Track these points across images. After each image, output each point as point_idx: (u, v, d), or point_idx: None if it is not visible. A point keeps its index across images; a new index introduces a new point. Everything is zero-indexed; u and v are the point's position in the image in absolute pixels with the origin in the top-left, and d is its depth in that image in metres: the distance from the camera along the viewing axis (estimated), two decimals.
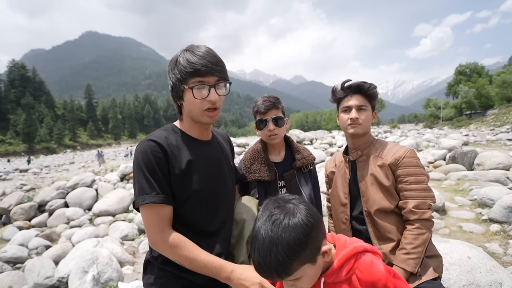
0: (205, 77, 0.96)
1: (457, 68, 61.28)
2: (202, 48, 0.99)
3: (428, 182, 1.30)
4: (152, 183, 0.95)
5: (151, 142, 0.98)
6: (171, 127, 1.10)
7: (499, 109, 43.27)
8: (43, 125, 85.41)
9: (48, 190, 9.06)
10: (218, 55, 1.01)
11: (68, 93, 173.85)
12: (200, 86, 0.97)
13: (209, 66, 0.96)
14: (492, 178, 6.40)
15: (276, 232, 0.68)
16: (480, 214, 4.42)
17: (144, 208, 0.95)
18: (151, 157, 0.96)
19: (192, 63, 0.95)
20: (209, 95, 0.98)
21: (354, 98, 1.37)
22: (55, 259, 4.47)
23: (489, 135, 21.88)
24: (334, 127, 67.42)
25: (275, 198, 0.77)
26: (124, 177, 10.47)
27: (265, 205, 0.76)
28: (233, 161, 1.33)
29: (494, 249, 3.23)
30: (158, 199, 0.94)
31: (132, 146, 54.96)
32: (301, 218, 0.70)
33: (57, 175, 19.16)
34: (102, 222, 6.92)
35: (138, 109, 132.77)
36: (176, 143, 1.04)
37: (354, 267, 0.77)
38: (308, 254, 0.70)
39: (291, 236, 0.67)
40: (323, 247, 0.74)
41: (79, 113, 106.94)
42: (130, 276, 3.58)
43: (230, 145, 1.34)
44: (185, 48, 1.01)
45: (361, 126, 1.36)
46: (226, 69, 1.03)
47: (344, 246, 0.80)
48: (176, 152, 1.01)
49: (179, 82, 0.98)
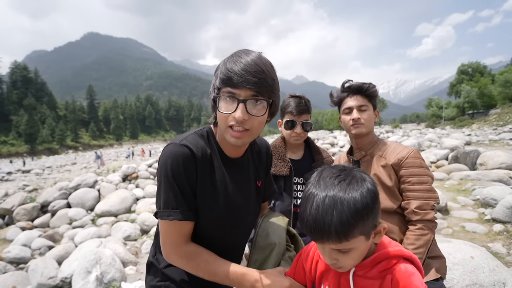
0: (237, 88, 0.81)
1: (459, 67, 61.05)
2: (251, 55, 0.83)
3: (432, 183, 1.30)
4: (179, 197, 0.85)
5: (185, 149, 0.86)
6: (206, 133, 0.96)
7: (502, 109, 43.05)
8: (45, 126, 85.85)
9: (50, 191, 9.10)
10: (267, 65, 0.84)
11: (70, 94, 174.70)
12: (228, 98, 0.82)
13: (243, 76, 0.79)
14: (495, 178, 6.37)
15: (344, 190, 0.64)
16: (483, 214, 4.40)
17: (167, 222, 0.87)
18: (182, 166, 0.85)
19: (228, 70, 0.81)
20: (235, 112, 0.81)
21: (354, 98, 1.38)
22: (58, 260, 4.49)
23: (491, 135, 21.77)
24: (336, 127, 67.26)
25: (335, 165, 0.72)
26: (126, 177, 10.49)
27: (322, 170, 0.71)
28: (269, 175, 1.20)
29: (497, 249, 3.22)
30: (184, 217, 0.86)
31: (133, 146, 55.07)
32: (370, 184, 0.66)
33: (59, 175, 19.23)
34: (104, 222, 6.94)
35: (139, 110, 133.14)
36: (209, 154, 0.92)
37: (393, 269, 0.70)
38: (368, 225, 0.65)
39: (359, 198, 0.63)
40: (379, 226, 0.69)
41: (80, 114, 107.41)
42: (133, 276, 3.59)
43: (268, 157, 1.18)
44: (234, 52, 0.86)
45: (364, 125, 1.37)
46: (270, 84, 0.83)
47: (387, 245, 0.74)
48: (206, 165, 0.91)
49: (214, 89, 0.87)
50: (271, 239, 1.05)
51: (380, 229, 0.70)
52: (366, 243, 0.68)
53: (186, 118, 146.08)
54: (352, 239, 0.64)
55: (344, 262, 0.69)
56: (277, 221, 1.12)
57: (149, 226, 5.87)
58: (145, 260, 4.14)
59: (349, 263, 0.70)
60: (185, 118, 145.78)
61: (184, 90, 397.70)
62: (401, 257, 0.71)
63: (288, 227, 1.14)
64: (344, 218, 0.61)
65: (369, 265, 0.71)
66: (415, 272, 0.69)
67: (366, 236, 0.67)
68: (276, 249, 1.03)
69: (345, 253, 0.67)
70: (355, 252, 0.68)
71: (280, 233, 1.08)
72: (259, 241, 1.05)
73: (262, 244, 1.04)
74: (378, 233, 0.70)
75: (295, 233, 1.14)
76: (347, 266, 0.71)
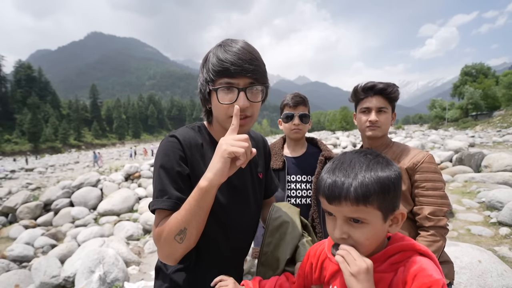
0: (235, 78, 0.81)
1: (463, 68, 60.68)
2: (238, 43, 0.84)
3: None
4: (165, 186, 0.84)
5: (173, 139, 0.88)
6: (198, 127, 0.98)
7: (506, 110, 42.70)
8: (49, 124, 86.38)
9: (53, 189, 9.12)
10: (256, 51, 0.86)
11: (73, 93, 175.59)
12: (227, 89, 0.82)
13: (240, 65, 0.80)
14: (500, 180, 6.30)
15: (369, 160, 0.63)
16: (489, 217, 4.35)
17: (155, 213, 0.86)
18: (171, 155, 0.86)
19: (221, 61, 0.80)
20: (237, 100, 0.82)
21: (375, 99, 1.32)
22: (61, 258, 4.49)
23: (495, 137, 21.60)
24: (338, 127, 67.07)
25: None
26: (128, 177, 10.51)
27: (345, 152, 0.70)
28: (269, 169, 1.19)
29: (504, 252, 3.17)
30: (167, 205, 0.83)
31: (136, 146, 55.28)
32: (396, 167, 0.65)
33: (62, 174, 19.33)
34: (107, 221, 6.95)
35: (142, 109, 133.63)
36: (200, 145, 0.92)
37: (405, 261, 0.65)
38: (387, 201, 0.62)
39: (386, 170, 0.62)
40: (397, 211, 0.65)
41: (84, 113, 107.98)
42: (136, 276, 3.59)
43: (266, 151, 1.17)
44: (219, 43, 0.86)
45: (380, 128, 1.32)
46: (263, 69, 0.86)
47: (399, 239, 0.69)
48: (196, 154, 0.90)
49: (206, 83, 0.86)
50: (283, 218, 1.03)
51: (398, 216, 0.65)
52: (382, 225, 0.63)
53: (188, 117, 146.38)
54: (369, 206, 0.60)
55: (355, 239, 0.63)
56: (289, 208, 1.11)
57: (151, 226, 5.87)
58: (148, 260, 4.16)
59: (360, 240, 0.63)
60: (187, 118, 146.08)
61: (186, 89, 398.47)
62: (415, 251, 0.66)
63: (300, 216, 1.11)
64: (367, 181, 0.60)
65: (381, 259, 0.66)
66: (430, 263, 0.63)
67: (383, 215, 0.62)
68: (290, 228, 1.01)
69: (358, 227, 0.62)
70: (368, 228, 0.62)
71: (293, 216, 1.06)
72: (271, 223, 1.03)
73: (275, 224, 1.02)
74: (395, 222, 0.66)
75: (307, 223, 1.12)
76: (357, 246, 0.64)
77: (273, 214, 1.06)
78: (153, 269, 3.52)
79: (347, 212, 0.62)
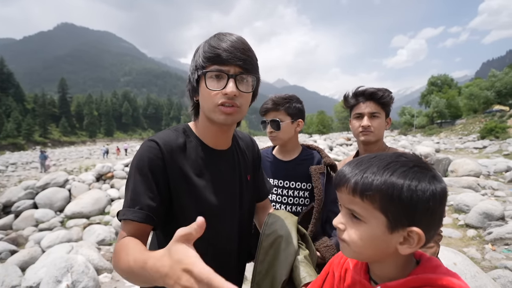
0: (226, 65, 0.79)
1: (430, 79, 64.98)
2: (233, 35, 0.83)
3: None
4: (138, 195, 0.78)
5: (152, 143, 0.82)
6: (182, 128, 0.92)
7: (467, 119, 46.27)
8: (10, 119, 79.85)
9: (14, 190, 8.39)
10: (249, 45, 0.84)
11: (40, 87, 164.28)
12: (217, 76, 0.80)
13: (232, 52, 0.78)
14: (465, 185, 6.76)
15: (401, 165, 0.55)
16: (457, 219, 4.62)
17: (123, 222, 0.78)
18: (146, 161, 0.80)
19: (214, 47, 0.79)
20: (226, 87, 0.79)
21: (367, 105, 1.33)
22: (22, 266, 4.11)
23: (457, 143, 23.28)
24: (315, 131, 68.77)
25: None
26: (100, 177, 9.95)
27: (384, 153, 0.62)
28: (259, 171, 1.13)
29: (472, 254, 3.37)
30: (138, 216, 0.76)
31: (108, 144, 52.76)
32: (438, 185, 0.54)
33: (25, 173, 17.94)
34: (75, 224, 6.50)
35: (116, 106, 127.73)
36: (183, 148, 0.86)
37: None
38: (397, 209, 0.53)
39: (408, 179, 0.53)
40: (414, 228, 0.53)
41: (51, 108, 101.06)
42: (108, 285, 3.36)
43: (255, 152, 1.12)
44: (217, 33, 0.84)
45: (373, 134, 1.33)
46: (255, 62, 0.85)
47: (433, 270, 0.57)
48: (178, 158, 0.84)
49: (196, 69, 0.83)
50: (278, 233, 0.96)
51: (412, 235, 0.54)
52: (384, 233, 0.55)
53: (165, 116, 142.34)
54: (366, 202, 0.55)
55: (349, 234, 0.58)
56: (286, 218, 1.03)
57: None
58: None
59: (353, 238, 0.58)
60: (164, 117, 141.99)
61: (164, 88, 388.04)
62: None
63: (298, 226, 1.04)
64: (372, 177, 0.55)
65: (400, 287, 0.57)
66: None
67: (389, 222, 0.54)
68: (284, 243, 0.93)
69: (356, 223, 0.58)
70: (365, 228, 0.57)
71: (289, 227, 0.98)
72: (265, 239, 0.95)
73: (269, 240, 0.94)
74: (408, 241, 0.55)
75: (305, 232, 1.05)
76: (351, 245, 0.58)
77: (267, 229, 0.98)
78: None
79: (345, 201, 0.60)
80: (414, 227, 0.54)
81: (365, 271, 0.66)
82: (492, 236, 3.67)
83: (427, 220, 0.54)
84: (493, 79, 49.18)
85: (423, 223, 0.54)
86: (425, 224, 0.54)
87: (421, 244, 0.55)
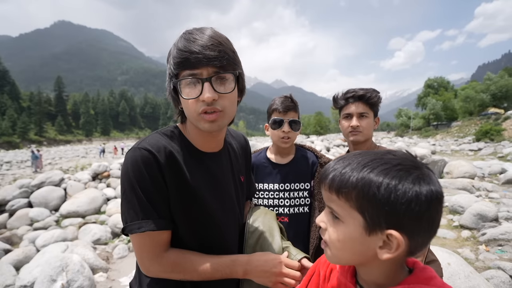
0: (197, 68, 0.72)
1: (426, 81, 65.47)
2: (204, 30, 0.75)
3: None
4: (147, 206, 0.75)
5: (144, 152, 0.76)
6: (170, 132, 0.86)
7: (462, 122, 46.68)
8: (6, 117, 79.06)
9: (9, 188, 8.31)
10: (222, 36, 0.76)
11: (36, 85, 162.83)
12: (189, 81, 0.73)
13: (200, 52, 0.70)
14: (460, 186, 6.82)
15: (384, 162, 0.50)
16: (452, 220, 4.66)
17: (139, 235, 0.76)
18: (144, 171, 0.75)
19: (181, 51, 0.71)
20: (202, 93, 0.72)
21: (355, 105, 1.37)
22: (16, 265, 4.07)
23: (453, 145, 23.48)
24: (312, 132, 68.97)
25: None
26: (96, 176, 9.89)
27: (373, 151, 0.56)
28: (250, 171, 1.14)
29: (466, 254, 3.40)
30: (157, 226, 0.75)
31: (105, 143, 52.47)
32: (438, 186, 0.49)
33: (19, 172, 17.76)
34: (70, 224, 6.46)
35: (113, 105, 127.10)
36: (175, 153, 0.82)
37: None
38: (375, 210, 0.48)
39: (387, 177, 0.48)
40: (393, 232, 0.48)
41: (47, 106, 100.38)
42: (103, 284, 3.34)
43: (247, 152, 1.10)
44: (183, 32, 0.76)
45: (362, 133, 1.36)
46: (231, 56, 0.76)
47: (427, 281, 0.52)
48: (173, 164, 0.80)
49: (170, 78, 0.77)
50: (261, 229, 0.99)
51: (391, 239, 0.49)
52: (362, 235, 0.51)
53: (162, 116, 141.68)
54: (342, 199, 0.52)
55: (330, 232, 0.55)
56: (266, 214, 1.06)
57: (121, 229, 5.54)
58: (117, 266, 3.91)
59: (332, 238, 0.55)
60: (162, 116, 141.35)
61: (161, 87, 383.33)
62: None
63: (277, 221, 1.08)
64: (350, 173, 0.51)
65: None
66: None
67: (366, 223, 0.50)
68: (269, 238, 0.97)
69: (336, 223, 0.55)
70: (342, 228, 0.53)
71: (270, 223, 1.03)
72: (250, 237, 0.98)
73: (253, 238, 0.98)
74: (386, 243, 0.50)
75: (282, 227, 1.09)
76: (330, 246, 0.56)
77: (250, 227, 1.00)
78: (123, 276, 3.29)
79: (325, 198, 0.57)
80: (393, 231, 0.49)
81: (352, 274, 0.63)
82: (486, 237, 3.71)
83: (411, 225, 0.49)
84: (489, 82, 49.70)
85: (406, 228, 0.49)
86: (409, 230, 0.49)
87: (400, 250, 0.49)
